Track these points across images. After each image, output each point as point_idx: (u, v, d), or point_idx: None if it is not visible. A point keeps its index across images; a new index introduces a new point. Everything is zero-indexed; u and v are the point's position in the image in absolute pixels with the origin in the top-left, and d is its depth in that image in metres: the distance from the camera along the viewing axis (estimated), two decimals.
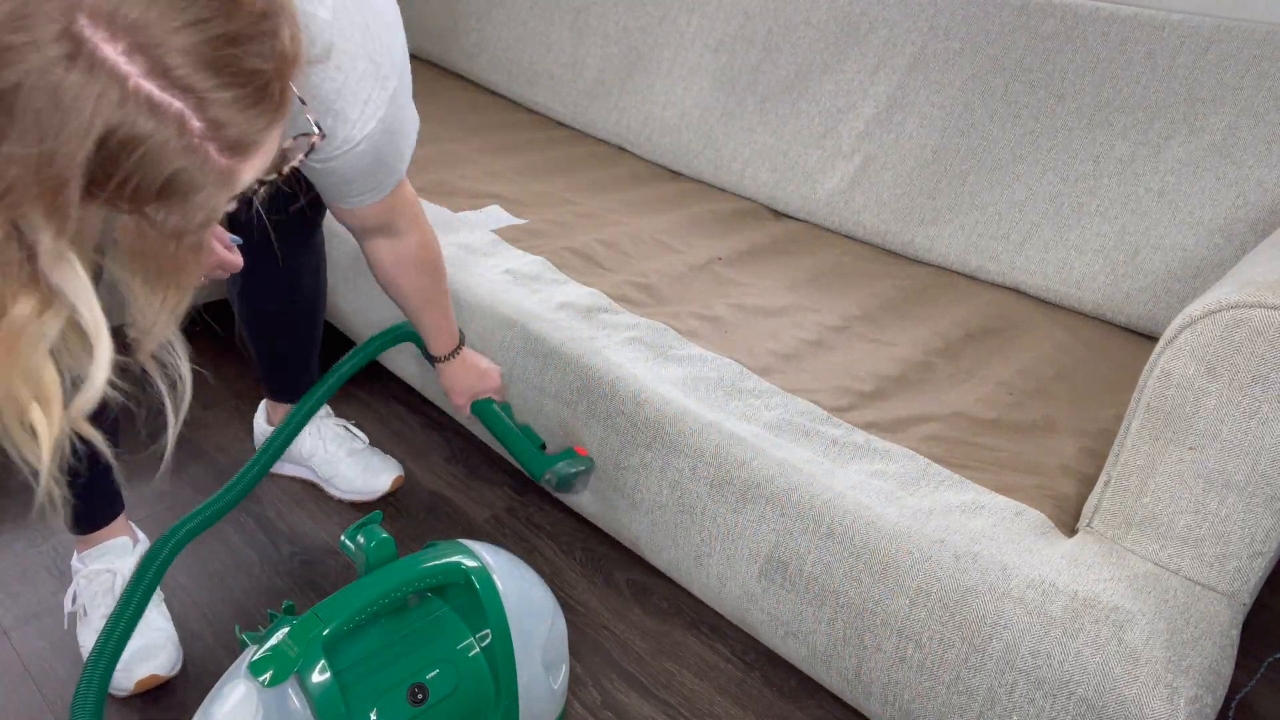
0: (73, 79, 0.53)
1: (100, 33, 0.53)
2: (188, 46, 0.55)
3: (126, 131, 0.54)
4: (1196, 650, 0.89)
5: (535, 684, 0.97)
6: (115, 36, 0.53)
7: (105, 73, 0.53)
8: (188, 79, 0.55)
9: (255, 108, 0.58)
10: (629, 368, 1.26)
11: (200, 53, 0.55)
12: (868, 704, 1.06)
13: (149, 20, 0.54)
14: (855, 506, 1.04)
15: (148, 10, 0.54)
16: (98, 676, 1.04)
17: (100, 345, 0.61)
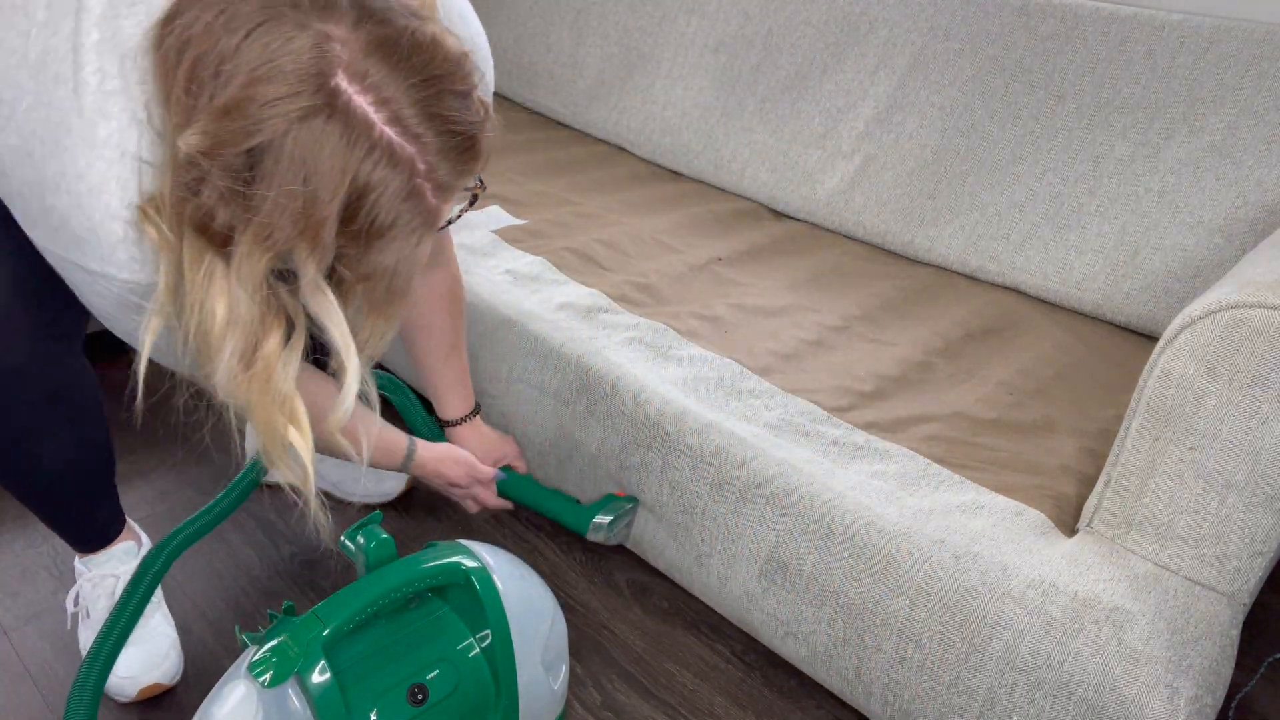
0: (332, 129, 0.60)
1: (354, 87, 0.61)
2: (417, 100, 0.63)
3: (371, 174, 0.62)
4: (1196, 650, 0.89)
5: (535, 684, 0.97)
6: (365, 91, 0.61)
7: (359, 122, 0.61)
8: (416, 128, 0.63)
9: (463, 156, 0.66)
10: (629, 368, 1.26)
11: (426, 106, 0.63)
12: (868, 704, 1.06)
13: (389, 78, 0.62)
14: (855, 507, 1.04)
15: (387, 68, 0.62)
16: (93, 679, 1.04)
17: (351, 362, 0.68)
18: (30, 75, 0.66)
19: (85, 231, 0.67)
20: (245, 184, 0.62)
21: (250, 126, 0.60)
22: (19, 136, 0.67)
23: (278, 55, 0.60)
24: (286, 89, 0.60)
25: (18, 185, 0.68)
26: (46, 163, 0.66)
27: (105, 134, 0.66)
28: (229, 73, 0.61)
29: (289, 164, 0.61)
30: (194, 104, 0.62)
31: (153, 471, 1.51)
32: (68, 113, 0.66)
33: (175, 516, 1.43)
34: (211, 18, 0.62)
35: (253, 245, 0.63)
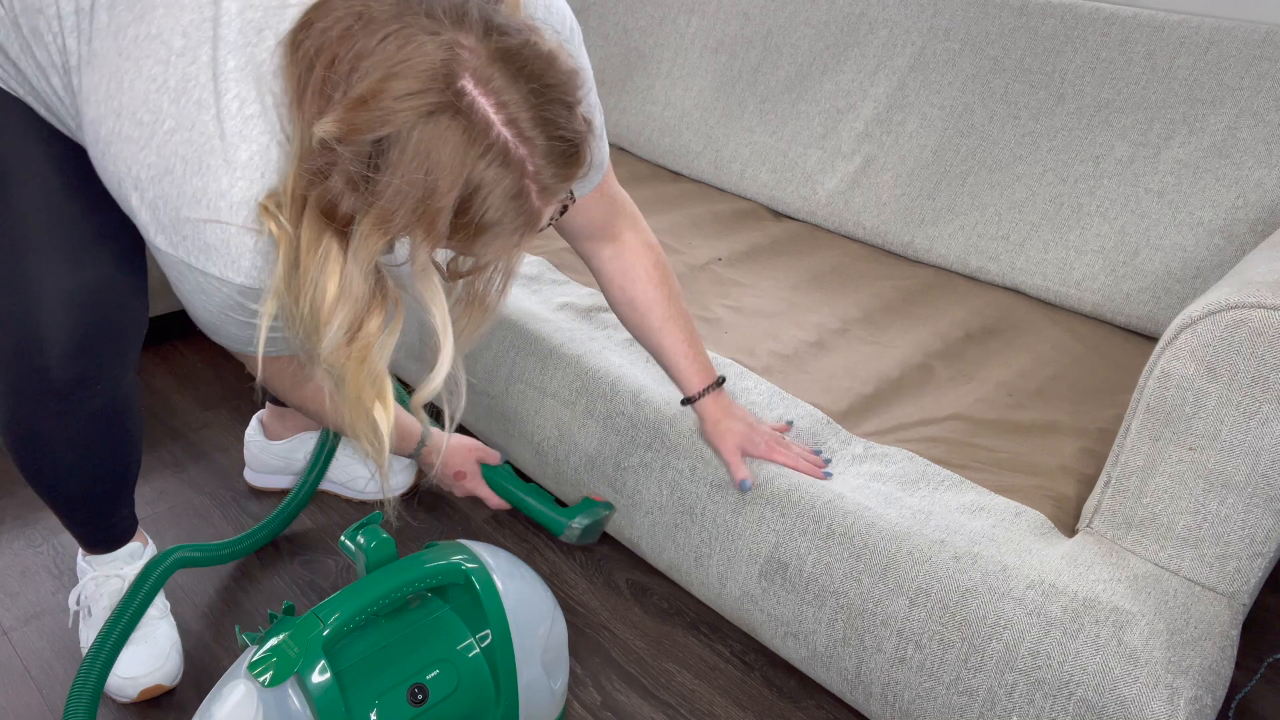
0: (456, 125, 0.66)
1: (478, 89, 0.66)
2: (532, 106, 0.68)
3: (485, 171, 0.67)
4: (1196, 650, 0.89)
5: (535, 684, 0.97)
6: (487, 94, 0.66)
7: (479, 122, 0.66)
8: (529, 132, 0.68)
9: (567, 161, 0.71)
10: (629, 368, 1.26)
11: (539, 111, 0.68)
12: (868, 704, 1.06)
13: (509, 84, 0.67)
14: (855, 507, 1.04)
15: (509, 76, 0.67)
16: (93, 678, 1.04)
17: (447, 342, 0.73)
18: (171, 100, 0.71)
19: (218, 241, 0.73)
20: (372, 170, 0.67)
21: (381, 117, 0.65)
22: (158, 155, 0.72)
23: (412, 55, 0.65)
24: (417, 85, 0.65)
25: (152, 197, 0.73)
26: (188, 180, 0.72)
27: (247, 155, 0.72)
28: (365, 69, 0.66)
29: (414, 155, 0.66)
30: (330, 96, 0.67)
31: (153, 471, 1.51)
32: (210, 135, 0.71)
33: (175, 516, 1.43)
34: (350, 23, 0.67)
35: (372, 228, 0.68)
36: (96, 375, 0.96)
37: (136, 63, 0.72)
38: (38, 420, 0.97)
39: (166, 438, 1.59)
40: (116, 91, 0.73)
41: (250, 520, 1.43)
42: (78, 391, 0.95)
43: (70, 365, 0.93)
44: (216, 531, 1.40)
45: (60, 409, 0.96)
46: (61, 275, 0.89)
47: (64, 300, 0.90)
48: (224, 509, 1.45)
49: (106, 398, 0.98)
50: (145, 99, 0.72)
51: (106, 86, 0.73)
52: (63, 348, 0.91)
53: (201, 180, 0.71)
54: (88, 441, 1.01)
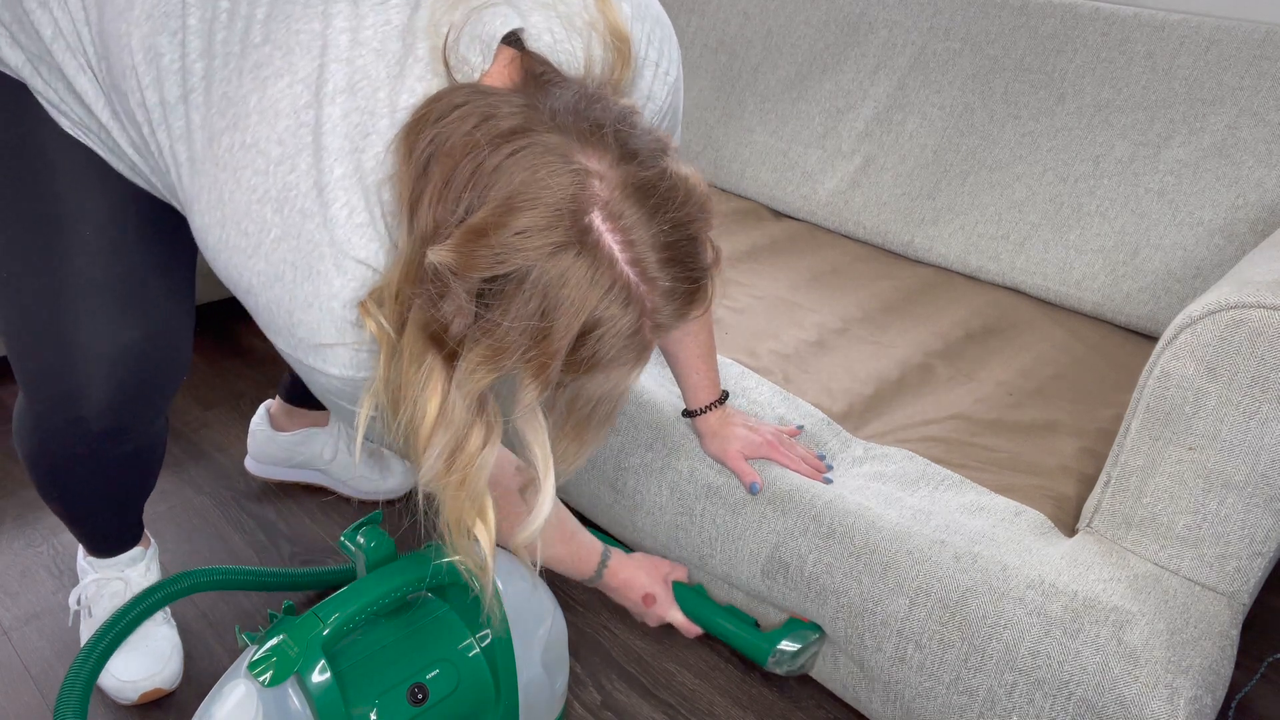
0: (579, 265, 0.61)
1: (606, 225, 0.62)
2: (662, 245, 0.63)
3: (605, 311, 0.63)
4: (1196, 650, 0.89)
5: (535, 684, 0.97)
6: (616, 230, 0.62)
7: (605, 261, 0.62)
8: (654, 272, 0.63)
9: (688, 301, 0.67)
10: None
11: (668, 251, 0.64)
12: (868, 704, 1.06)
13: (640, 221, 0.62)
14: (856, 507, 1.04)
15: (641, 212, 0.62)
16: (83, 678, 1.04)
17: (548, 481, 0.71)
18: (275, 210, 0.69)
19: (333, 340, 0.71)
20: (485, 307, 0.63)
21: (501, 255, 0.61)
22: (267, 263, 0.70)
23: (538, 184, 0.61)
24: (543, 221, 0.61)
25: (265, 302, 0.72)
26: (299, 285, 0.70)
27: (360, 257, 0.69)
28: (485, 189, 0.62)
29: (531, 295, 0.62)
30: (447, 215, 0.63)
31: None
32: (319, 243, 0.69)
33: (175, 516, 1.43)
34: (471, 128, 0.63)
35: (480, 364, 0.65)
36: (131, 426, 0.97)
37: (235, 174, 0.70)
38: (65, 459, 0.98)
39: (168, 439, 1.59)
40: (219, 203, 0.71)
41: (250, 518, 1.43)
42: (110, 440, 0.96)
43: (106, 417, 0.93)
44: (216, 532, 1.40)
45: (90, 453, 0.97)
46: (107, 333, 0.88)
47: (107, 358, 0.89)
48: (224, 509, 1.45)
49: (137, 443, 1.00)
50: (248, 210, 0.70)
51: (208, 197, 0.72)
52: (101, 403, 0.91)
53: (313, 285, 0.70)
54: (111, 480, 1.03)
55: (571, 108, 0.65)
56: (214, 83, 0.71)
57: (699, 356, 1.10)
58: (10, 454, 1.54)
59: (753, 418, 1.14)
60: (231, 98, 0.70)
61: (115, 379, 0.90)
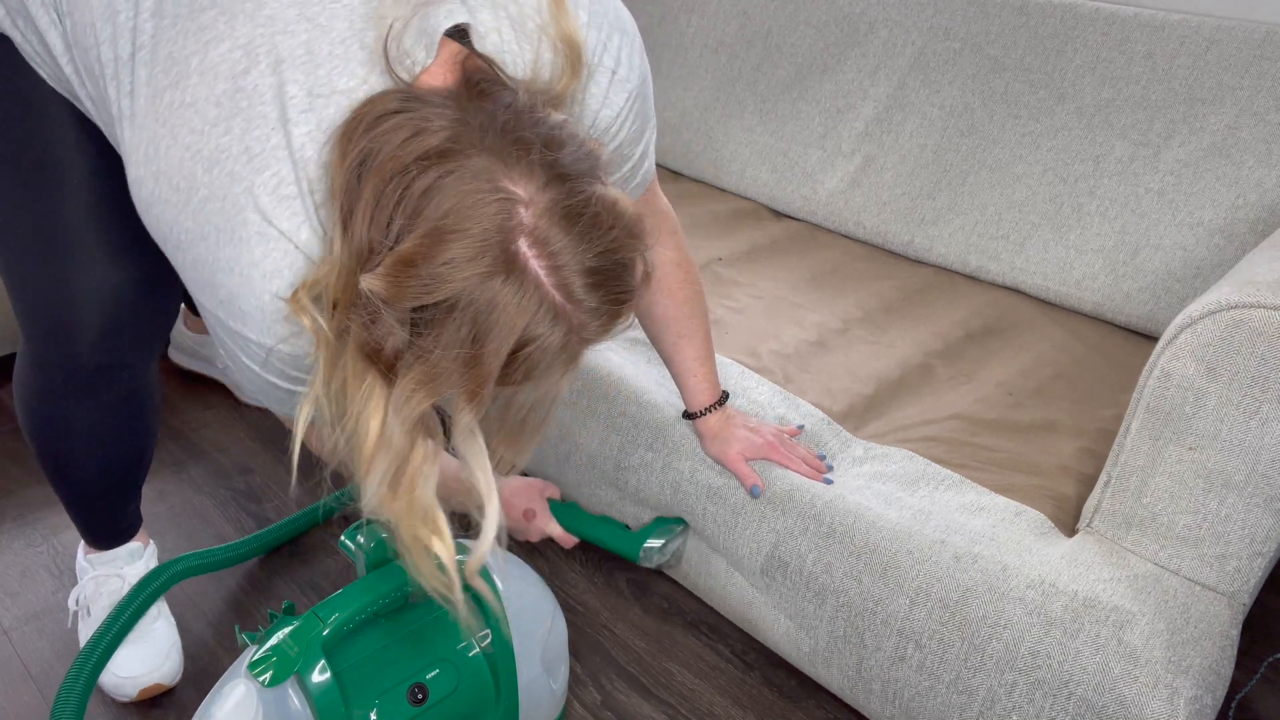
0: (507, 291, 0.63)
1: (533, 251, 0.63)
2: (588, 269, 0.65)
3: (533, 332, 0.65)
4: (1196, 650, 0.89)
5: (535, 684, 0.97)
6: (542, 256, 0.64)
7: (531, 285, 0.63)
8: (580, 294, 0.65)
9: (613, 318, 0.69)
10: (631, 368, 1.26)
11: (593, 276, 0.66)
12: (868, 704, 1.06)
13: (567, 247, 0.64)
14: (856, 507, 1.04)
15: (567, 239, 0.64)
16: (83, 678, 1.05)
17: (492, 503, 0.72)
18: (205, 170, 0.70)
19: (252, 308, 0.72)
20: (416, 334, 0.65)
21: (429, 285, 0.62)
22: (194, 221, 0.71)
23: (465, 213, 0.62)
24: (470, 251, 0.62)
25: (191, 259, 0.73)
26: (221, 248, 0.71)
27: (284, 229, 0.70)
28: (413, 215, 0.63)
29: (460, 321, 0.63)
30: (379, 236, 0.64)
31: (153, 471, 1.51)
32: (244, 208, 0.70)
33: (175, 516, 1.43)
34: (400, 142, 0.64)
35: (415, 389, 0.66)
36: (122, 364, 1.00)
37: (172, 130, 0.71)
38: (62, 403, 1.00)
39: (166, 438, 1.59)
40: (154, 157, 0.72)
41: (250, 518, 1.43)
42: (103, 378, 0.99)
43: (98, 353, 0.96)
44: (216, 531, 1.40)
45: (85, 393, 0.99)
46: (98, 273, 0.92)
47: (99, 295, 0.93)
48: (224, 509, 1.45)
49: (130, 386, 1.02)
50: (180, 166, 0.71)
51: (145, 149, 0.73)
52: (93, 336, 0.95)
53: (234, 250, 0.70)
54: (107, 427, 1.04)
55: (501, 126, 0.65)
56: (161, 42, 0.72)
57: (695, 359, 1.11)
58: (10, 454, 1.54)
59: (753, 418, 1.15)
60: (175, 57, 0.72)
61: (106, 315, 0.94)
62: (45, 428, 1.03)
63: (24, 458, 1.53)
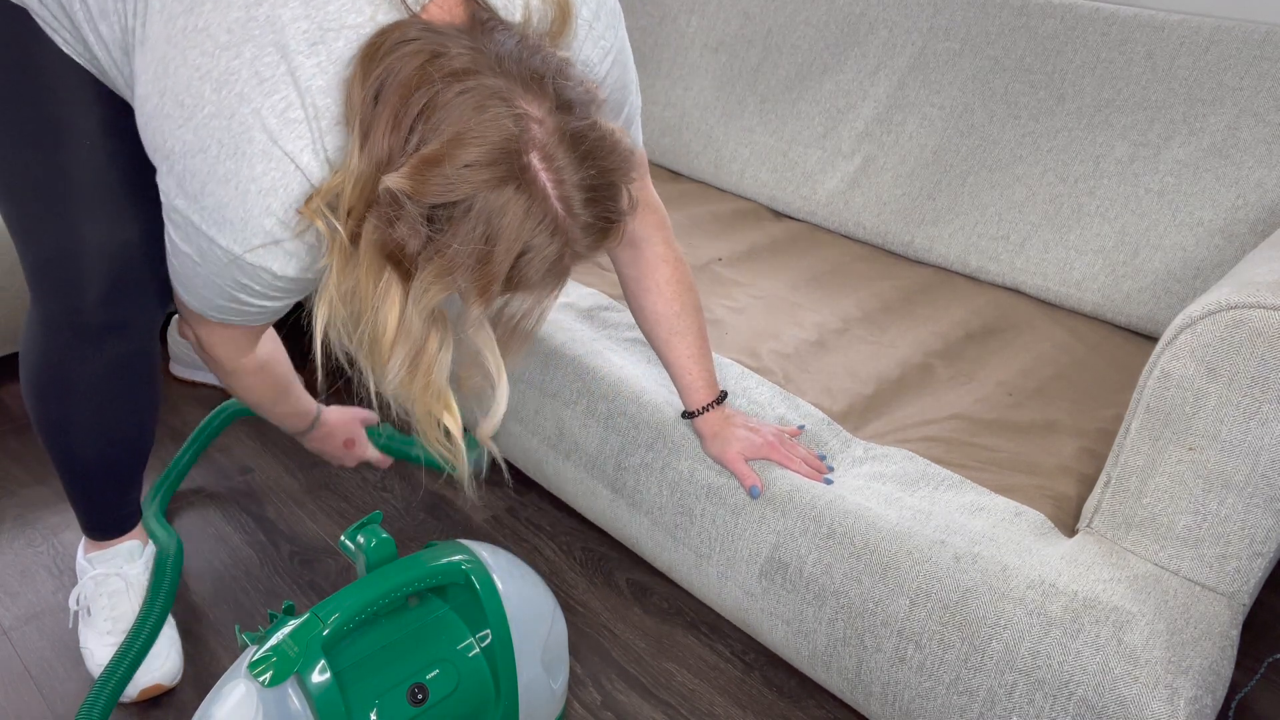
0: (518, 198, 0.70)
1: (542, 165, 0.70)
2: (586, 187, 0.72)
3: (536, 239, 0.71)
4: (1196, 651, 0.89)
5: (535, 684, 0.97)
6: (549, 170, 0.71)
7: (539, 196, 0.70)
8: (578, 209, 0.72)
9: (604, 236, 0.76)
10: (630, 368, 1.26)
11: (591, 193, 0.73)
12: (868, 704, 1.06)
13: (570, 164, 0.71)
14: (855, 507, 1.04)
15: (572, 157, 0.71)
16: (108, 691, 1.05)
17: (502, 383, 0.81)
18: (214, 89, 0.75)
19: (236, 218, 0.77)
20: (436, 230, 0.71)
21: (450, 183, 0.69)
22: (195, 135, 0.76)
23: (484, 124, 0.68)
24: (487, 156, 0.68)
25: (180, 169, 0.78)
26: (221, 161, 0.76)
27: (289, 150, 0.75)
28: (436, 123, 0.69)
29: (476, 221, 0.70)
30: (400, 143, 0.70)
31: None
32: (250, 127, 0.75)
33: (174, 516, 1.43)
34: (422, 63, 0.70)
35: (432, 281, 0.72)
36: (126, 323, 1.02)
37: (183, 51, 0.76)
38: (67, 360, 1.02)
39: (166, 438, 1.59)
40: (162, 74, 0.77)
41: (250, 518, 1.43)
42: (107, 337, 1.01)
43: (103, 309, 0.99)
44: (216, 531, 1.40)
45: (90, 350, 1.01)
46: (103, 230, 0.96)
47: (104, 251, 0.96)
48: (224, 509, 1.45)
49: (134, 344, 1.04)
50: (188, 84, 0.75)
51: (154, 69, 0.77)
52: (98, 292, 0.97)
53: (235, 164, 0.75)
54: (110, 387, 1.05)
55: (514, 55, 0.72)
56: None
57: (689, 357, 1.11)
58: (11, 454, 1.54)
59: (753, 418, 1.15)
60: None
61: (112, 272, 0.97)
62: (51, 391, 1.04)
63: (25, 458, 1.53)
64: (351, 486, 1.50)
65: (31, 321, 1.04)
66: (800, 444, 1.14)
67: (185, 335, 1.57)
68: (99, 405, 1.06)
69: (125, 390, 1.07)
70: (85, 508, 1.16)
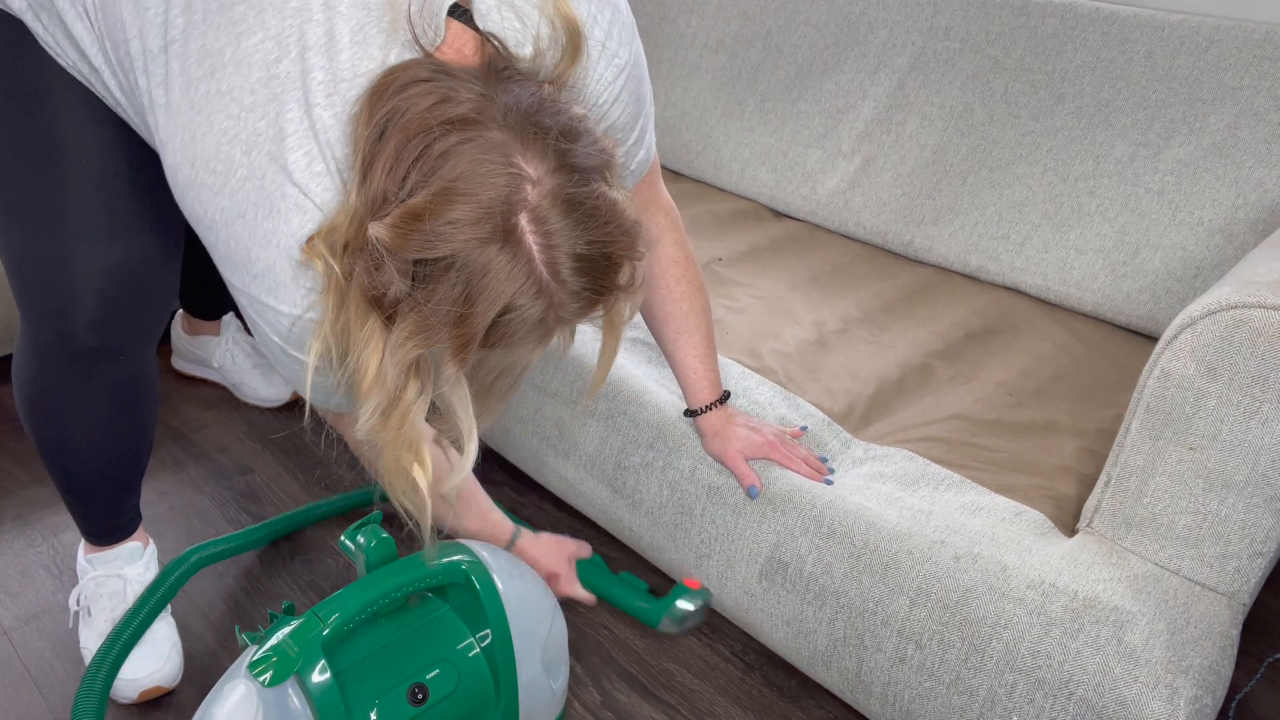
0: (501, 259, 0.67)
1: (530, 226, 0.68)
2: (578, 255, 0.70)
3: (517, 302, 0.69)
4: (1196, 650, 0.89)
5: (535, 684, 0.97)
6: (538, 233, 0.68)
7: (524, 257, 0.68)
8: (566, 275, 0.70)
9: (591, 306, 0.74)
10: (631, 368, 1.26)
11: (582, 263, 0.70)
12: (868, 704, 1.06)
13: (563, 230, 0.69)
14: (856, 507, 1.04)
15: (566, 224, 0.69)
16: (100, 680, 1.05)
17: (471, 443, 0.77)
18: (243, 152, 0.75)
19: (287, 279, 0.77)
20: (414, 286, 0.69)
21: (431, 240, 0.67)
22: (231, 200, 0.76)
23: (476, 179, 0.67)
24: (474, 215, 0.66)
25: (225, 238, 0.77)
26: (260, 223, 0.75)
27: (319, 202, 0.75)
28: (429, 172, 0.67)
29: (456, 280, 0.68)
30: (394, 187, 0.69)
31: (153, 471, 1.51)
32: (282, 184, 0.74)
33: (175, 517, 1.43)
34: (428, 106, 0.69)
35: (409, 335, 0.70)
36: (120, 346, 1.00)
37: (208, 117, 0.76)
38: (59, 385, 1.01)
39: (166, 438, 1.59)
40: (190, 143, 0.76)
41: (250, 518, 1.43)
42: (101, 360, 1.00)
43: (97, 333, 0.97)
44: (216, 531, 1.40)
45: (83, 375, 1.00)
46: (99, 250, 0.94)
47: (98, 272, 0.94)
48: (224, 509, 1.45)
49: (127, 369, 1.03)
50: (218, 150, 0.75)
51: (181, 138, 0.77)
52: (92, 315, 0.96)
53: (273, 223, 0.75)
54: (104, 413, 1.04)
55: (523, 109, 0.70)
56: (193, 36, 0.77)
57: (695, 357, 1.11)
58: (10, 454, 1.54)
59: (755, 418, 1.15)
60: (209, 49, 0.76)
61: (104, 295, 0.95)
62: (43, 413, 1.04)
63: (24, 458, 1.53)
64: (352, 487, 1.50)
65: (23, 343, 1.02)
66: (800, 445, 1.14)
67: (188, 330, 1.56)
68: (93, 427, 1.05)
69: (119, 412, 1.06)
70: (84, 516, 1.16)
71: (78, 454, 1.07)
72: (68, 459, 1.08)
